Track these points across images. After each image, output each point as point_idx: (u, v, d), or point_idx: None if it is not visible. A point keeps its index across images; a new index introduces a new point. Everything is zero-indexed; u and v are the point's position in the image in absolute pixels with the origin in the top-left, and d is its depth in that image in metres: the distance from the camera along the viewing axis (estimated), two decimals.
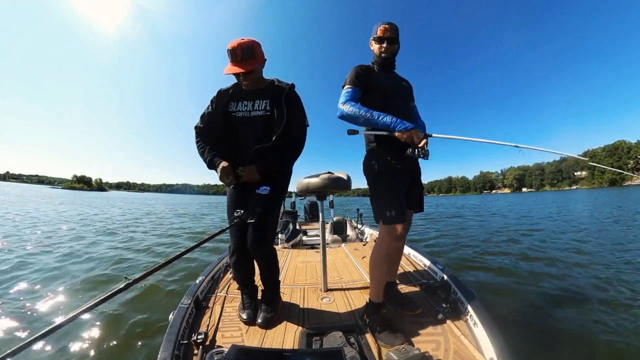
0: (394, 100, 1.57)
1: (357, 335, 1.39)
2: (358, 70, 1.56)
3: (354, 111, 1.42)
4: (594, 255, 4.41)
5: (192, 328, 1.48)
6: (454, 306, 1.61)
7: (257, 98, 1.55)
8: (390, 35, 1.56)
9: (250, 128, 1.55)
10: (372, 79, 1.56)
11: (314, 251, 3.21)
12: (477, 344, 1.33)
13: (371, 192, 1.58)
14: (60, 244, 5.34)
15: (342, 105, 1.47)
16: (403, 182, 1.51)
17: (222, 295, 1.85)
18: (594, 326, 2.21)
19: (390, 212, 1.42)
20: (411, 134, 1.36)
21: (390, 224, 1.43)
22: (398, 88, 1.63)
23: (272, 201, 1.57)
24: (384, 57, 1.59)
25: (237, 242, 1.55)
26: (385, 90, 1.56)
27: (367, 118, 1.40)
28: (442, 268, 2.02)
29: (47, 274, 3.48)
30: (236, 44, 1.41)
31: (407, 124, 1.36)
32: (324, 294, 1.91)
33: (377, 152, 1.56)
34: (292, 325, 1.51)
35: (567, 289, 3.01)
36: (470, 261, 4.32)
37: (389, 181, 1.49)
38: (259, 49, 1.48)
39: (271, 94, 1.55)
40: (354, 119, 1.44)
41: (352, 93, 1.50)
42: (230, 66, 1.45)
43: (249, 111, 1.55)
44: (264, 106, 1.54)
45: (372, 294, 1.55)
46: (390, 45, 1.57)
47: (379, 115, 1.39)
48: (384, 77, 1.60)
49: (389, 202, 1.45)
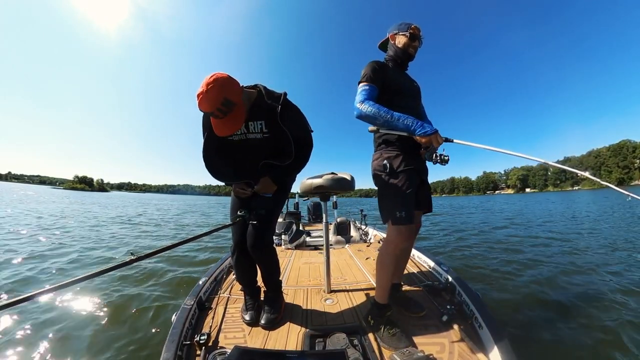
0: (408, 100, 1.54)
1: (361, 337, 1.38)
2: (375, 66, 1.49)
3: (373, 112, 1.34)
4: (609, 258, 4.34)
5: (195, 329, 1.48)
6: (458, 308, 1.59)
7: (249, 119, 1.44)
8: (421, 37, 1.57)
9: (250, 152, 1.51)
10: (389, 76, 1.51)
11: (317, 252, 3.21)
12: (482, 347, 1.31)
13: (381, 192, 1.55)
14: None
15: (360, 104, 1.39)
16: (414, 183, 1.48)
17: (225, 296, 1.85)
18: (604, 334, 2.16)
19: (400, 213, 1.40)
20: (431, 139, 1.30)
21: (400, 225, 1.41)
22: (412, 88, 1.61)
23: (275, 204, 1.58)
24: (409, 54, 1.58)
25: (237, 240, 1.56)
26: (401, 89, 1.53)
27: (387, 120, 1.33)
28: (447, 269, 2.00)
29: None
30: (208, 105, 1.18)
31: (427, 127, 1.30)
32: (327, 295, 1.90)
33: (389, 152, 1.51)
34: (295, 327, 1.51)
35: (578, 294, 2.94)
36: (474, 261, 4.29)
37: (401, 182, 1.46)
38: (231, 90, 1.23)
39: (263, 113, 1.42)
40: (372, 120, 1.38)
41: (370, 91, 1.43)
42: (221, 125, 1.28)
43: (245, 134, 1.47)
44: (259, 128, 1.44)
45: (377, 295, 1.53)
46: (418, 46, 1.59)
47: (399, 116, 1.32)
48: (399, 74, 1.57)
49: (400, 203, 1.42)
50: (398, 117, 1.33)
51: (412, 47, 1.57)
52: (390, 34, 1.62)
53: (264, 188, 1.50)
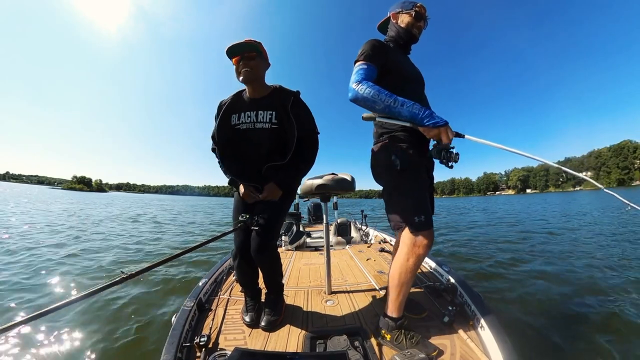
0: (414, 86, 1.39)
1: (362, 339, 1.37)
2: (375, 43, 1.29)
3: (372, 93, 1.12)
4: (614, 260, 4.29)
5: (195, 330, 1.47)
6: (460, 309, 1.58)
7: (260, 108, 1.47)
8: (427, 17, 1.43)
9: (256, 141, 1.49)
10: (391, 57, 1.32)
11: (318, 253, 3.19)
12: (485, 348, 1.30)
13: (391, 194, 1.36)
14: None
15: (356, 85, 1.16)
16: (426, 181, 1.34)
17: (225, 297, 1.84)
18: (607, 334, 2.15)
19: (420, 217, 1.22)
20: (440, 132, 1.09)
21: (420, 231, 1.23)
22: (416, 74, 1.45)
23: (280, 208, 1.54)
24: (412, 35, 1.43)
25: (240, 245, 1.53)
26: (406, 72, 1.36)
27: (389, 105, 1.11)
28: (448, 270, 1.99)
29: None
30: (243, 42, 1.38)
31: (437, 117, 1.09)
32: (328, 297, 1.89)
33: (395, 145, 1.31)
34: (296, 329, 1.50)
35: (584, 296, 2.91)
36: (477, 262, 4.28)
37: (414, 180, 1.28)
38: (263, 48, 1.45)
39: (275, 105, 1.46)
40: (370, 104, 1.14)
41: (367, 70, 1.21)
42: (243, 66, 1.41)
43: (253, 122, 1.47)
44: (268, 118, 1.45)
45: (391, 310, 1.35)
46: (423, 27, 1.45)
47: (403, 102, 1.10)
48: (403, 58, 1.43)
49: (418, 205, 1.24)
50: (402, 102, 1.11)
51: (417, 27, 1.42)
52: (392, 12, 1.46)
53: (270, 194, 1.47)
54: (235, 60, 1.43)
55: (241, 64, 1.41)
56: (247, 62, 1.40)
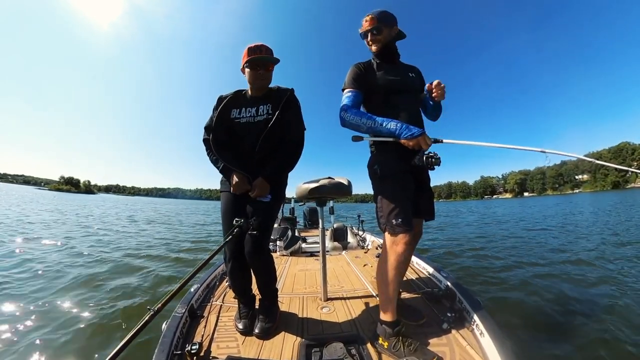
0: (400, 95, 1.48)
1: (359, 346, 1.34)
2: (356, 70, 1.48)
3: (355, 119, 1.35)
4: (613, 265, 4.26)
5: (186, 338, 1.43)
6: (459, 315, 1.55)
7: (260, 104, 1.57)
8: (372, 26, 1.46)
9: (254, 133, 1.55)
10: (371, 77, 1.47)
11: (314, 259, 3.15)
12: (484, 355, 1.27)
13: (375, 199, 1.48)
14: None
15: (343, 112, 1.40)
16: (408, 187, 1.42)
17: (218, 304, 1.80)
18: (606, 340, 2.12)
19: (397, 220, 1.32)
20: (418, 141, 1.25)
21: (396, 233, 1.32)
22: (403, 82, 1.51)
23: (272, 209, 1.57)
24: (376, 51, 1.51)
25: (233, 249, 1.50)
26: (388, 86, 1.47)
27: (370, 126, 1.32)
28: (447, 276, 1.96)
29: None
30: (259, 44, 1.50)
31: (413, 129, 1.25)
32: (324, 304, 1.85)
33: (379, 156, 1.48)
34: (291, 336, 1.46)
35: (585, 302, 2.88)
36: (475, 269, 4.26)
37: (392, 186, 1.40)
38: (275, 57, 1.56)
39: (273, 99, 1.57)
40: (356, 127, 1.37)
41: (352, 98, 1.43)
42: (258, 69, 1.51)
43: (253, 116, 1.56)
44: (266, 111, 1.55)
45: (384, 314, 1.38)
46: (375, 36, 1.48)
47: (382, 121, 1.30)
48: (386, 71, 1.50)
49: (394, 209, 1.35)
50: (381, 121, 1.30)
51: (370, 43, 1.50)
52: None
53: (260, 191, 1.48)
54: (254, 63, 1.51)
55: (261, 72, 1.53)
56: (266, 73, 1.55)
